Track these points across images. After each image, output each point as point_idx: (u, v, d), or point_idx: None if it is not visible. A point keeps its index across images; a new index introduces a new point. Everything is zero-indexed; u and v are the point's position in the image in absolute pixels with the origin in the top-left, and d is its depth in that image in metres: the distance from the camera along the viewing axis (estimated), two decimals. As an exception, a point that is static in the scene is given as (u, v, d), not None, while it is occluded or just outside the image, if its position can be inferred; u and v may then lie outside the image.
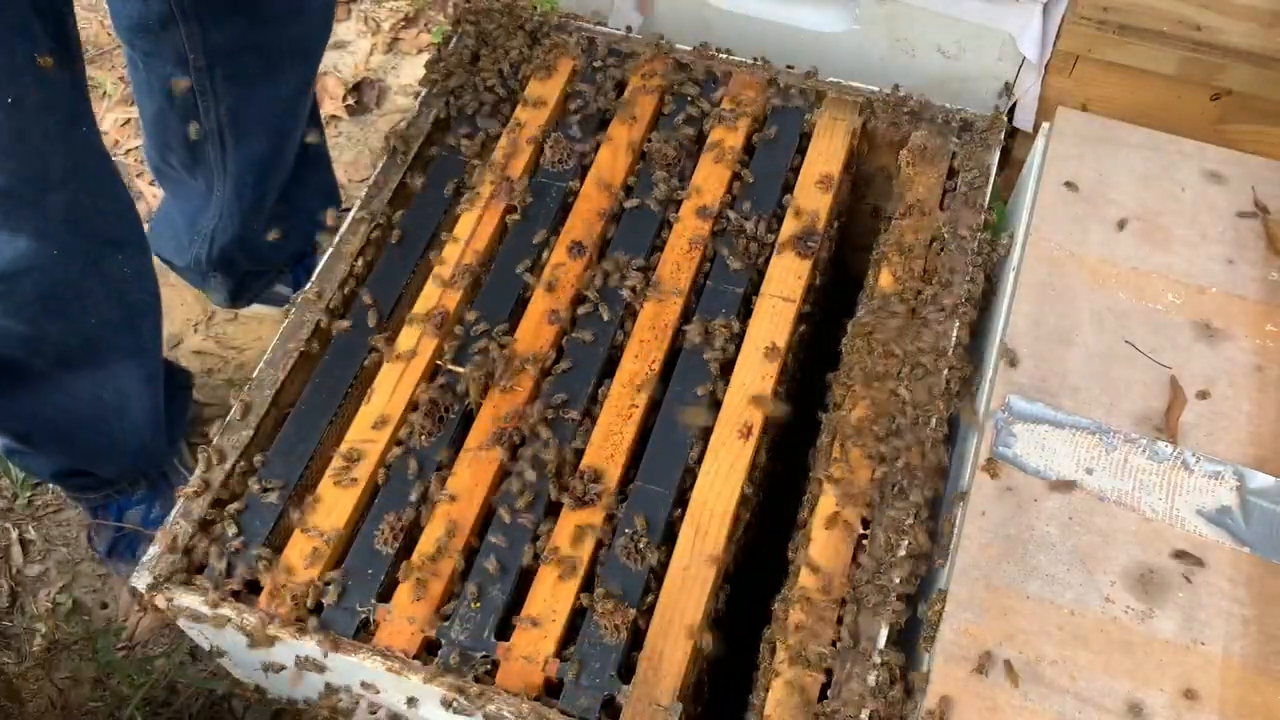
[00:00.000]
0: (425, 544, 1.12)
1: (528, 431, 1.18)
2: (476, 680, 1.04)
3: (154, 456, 1.61)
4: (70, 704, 1.56)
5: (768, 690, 1.04)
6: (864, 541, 1.10)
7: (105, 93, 2.23)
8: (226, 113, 1.45)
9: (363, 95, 2.23)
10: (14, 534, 1.72)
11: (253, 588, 1.12)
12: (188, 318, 1.94)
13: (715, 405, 1.20)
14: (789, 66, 1.45)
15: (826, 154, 1.38)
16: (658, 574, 1.10)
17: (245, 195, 1.58)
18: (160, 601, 1.11)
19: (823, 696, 1.03)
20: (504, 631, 1.08)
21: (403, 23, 2.34)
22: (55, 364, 1.35)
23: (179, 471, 1.68)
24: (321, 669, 1.11)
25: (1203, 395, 1.16)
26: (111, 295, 1.33)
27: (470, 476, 1.16)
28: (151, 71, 1.43)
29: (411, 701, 1.09)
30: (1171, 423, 1.14)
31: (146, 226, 1.99)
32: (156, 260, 1.92)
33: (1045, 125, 1.40)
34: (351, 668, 1.08)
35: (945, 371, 1.19)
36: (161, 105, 1.48)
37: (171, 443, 1.65)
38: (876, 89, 1.42)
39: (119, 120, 2.19)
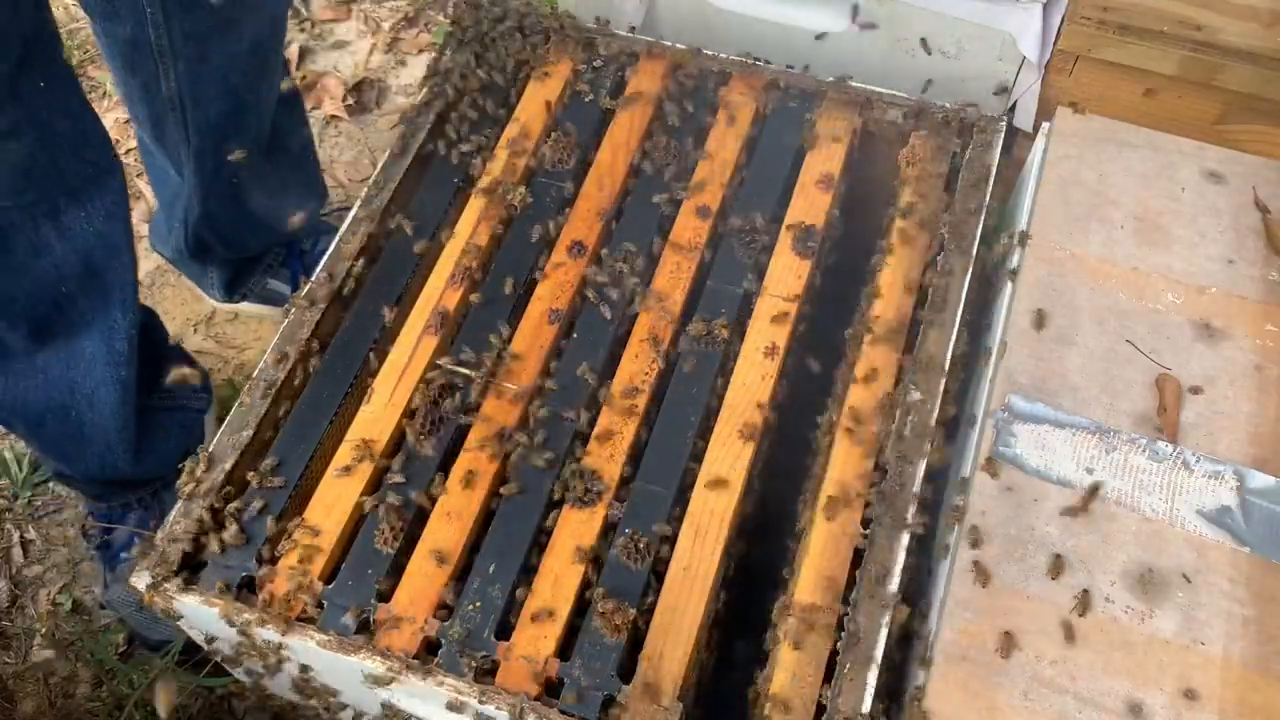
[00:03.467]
0: (425, 544, 1.12)
1: (527, 431, 1.18)
2: (477, 680, 1.04)
3: (119, 468, 1.53)
4: (69, 704, 1.56)
5: (768, 690, 1.04)
6: (864, 541, 1.10)
7: (105, 92, 2.23)
8: (185, 72, 1.43)
9: (363, 95, 2.23)
10: (14, 534, 1.72)
11: (253, 587, 1.12)
12: (188, 318, 1.94)
13: (716, 404, 1.20)
14: (789, 66, 1.45)
15: (826, 154, 1.38)
16: (658, 574, 1.11)
17: (206, 164, 1.57)
18: (159, 602, 1.11)
19: (824, 698, 1.03)
20: (504, 632, 1.08)
21: (403, 23, 2.34)
22: (29, 336, 1.35)
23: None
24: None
25: (1195, 390, 1.16)
26: (74, 253, 1.32)
27: (469, 476, 1.16)
28: (111, 37, 1.41)
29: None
30: (1170, 422, 1.14)
31: (146, 227, 2.00)
32: (161, 260, 1.93)
33: (1045, 125, 1.40)
34: (353, 668, 1.08)
35: (946, 370, 1.19)
36: (124, 75, 1.46)
37: (147, 464, 1.57)
38: (876, 89, 1.42)
39: (119, 120, 2.19)
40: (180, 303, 1.95)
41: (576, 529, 1.12)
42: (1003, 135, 1.37)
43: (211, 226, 1.69)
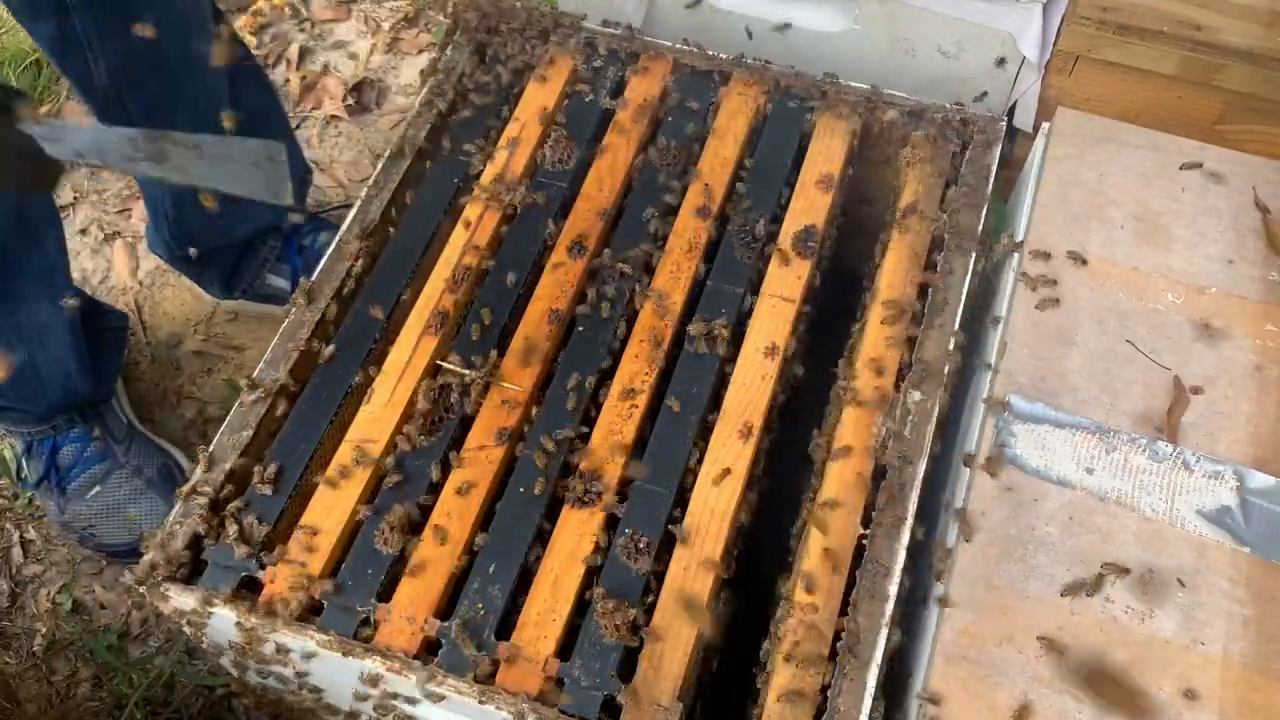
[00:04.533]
0: (425, 544, 1.12)
1: (527, 431, 1.18)
2: (477, 680, 1.04)
3: (81, 392, 1.62)
4: (70, 704, 1.56)
5: (767, 693, 1.04)
6: (864, 542, 1.10)
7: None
8: (115, 56, 1.40)
9: (363, 95, 2.23)
10: (14, 534, 1.72)
11: (252, 587, 1.12)
12: (188, 318, 1.94)
13: (715, 405, 1.20)
14: (789, 66, 1.45)
15: (826, 154, 1.38)
16: (658, 574, 1.11)
17: None
18: (159, 602, 1.11)
19: (823, 699, 1.03)
20: (504, 631, 1.08)
21: (403, 23, 2.34)
22: None
23: (115, 415, 1.71)
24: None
25: (1196, 390, 1.16)
26: (3, 205, 1.35)
27: (470, 477, 1.16)
28: (40, 35, 1.38)
29: (413, 701, 1.10)
30: (1172, 422, 1.14)
31: (145, 227, 2.00)
32: (161, 262, 1.93)
33: (1045, 125, 1.40)
34: (353, 668, 1.08)
35: (945, 370, 1.19)
36: (61, 71, 1.43)
37: (101, 381, 1.66)
38: (876, 89, 1.42)
39: (119, 120, 2.19)
40: (180, 303, 1.95)
41: (576, 529, 1.12)
42: (1003, 135, 1.38)
43: (190, 214, 1.67)
